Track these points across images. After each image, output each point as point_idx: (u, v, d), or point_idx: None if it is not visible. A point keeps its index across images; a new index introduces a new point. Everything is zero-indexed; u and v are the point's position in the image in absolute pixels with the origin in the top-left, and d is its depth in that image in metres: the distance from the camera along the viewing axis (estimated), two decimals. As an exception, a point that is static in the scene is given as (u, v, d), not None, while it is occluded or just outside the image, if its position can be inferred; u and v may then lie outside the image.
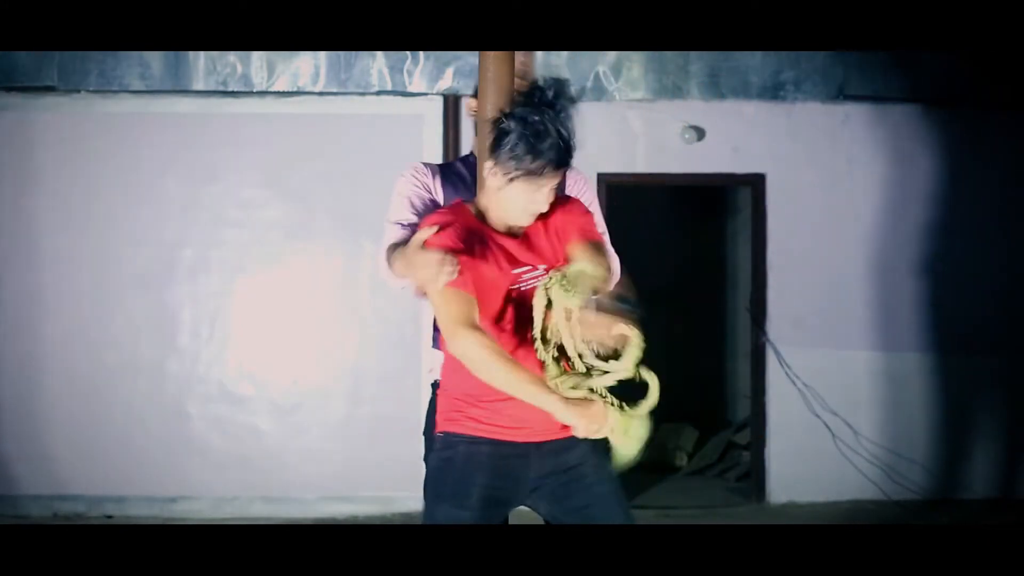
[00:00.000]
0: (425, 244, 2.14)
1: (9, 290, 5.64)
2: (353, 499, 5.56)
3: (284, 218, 5.72)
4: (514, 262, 2.22)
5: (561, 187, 2.46)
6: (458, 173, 2.61)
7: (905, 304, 5.87)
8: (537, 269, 2.23)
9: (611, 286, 2.34)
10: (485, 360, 2.07)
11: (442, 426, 2.28)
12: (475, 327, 2.10)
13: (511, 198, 2.19)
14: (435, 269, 2.07)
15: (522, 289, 2.21)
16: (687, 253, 7.97)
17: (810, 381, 5.81)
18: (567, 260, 2.23)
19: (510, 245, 2.23)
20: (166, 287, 5.69)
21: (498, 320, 2.20)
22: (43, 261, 5.65)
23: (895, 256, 5.88)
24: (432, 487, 2.27)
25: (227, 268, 5.71)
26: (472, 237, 2.19)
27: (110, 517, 5.54)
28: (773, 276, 5.88)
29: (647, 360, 2.17)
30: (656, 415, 2.13)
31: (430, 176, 2.58)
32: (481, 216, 2.26)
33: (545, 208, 2.22)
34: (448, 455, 2.24)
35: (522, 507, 2.32)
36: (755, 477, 5.94)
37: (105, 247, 5.67)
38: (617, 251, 2.54)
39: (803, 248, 5.87)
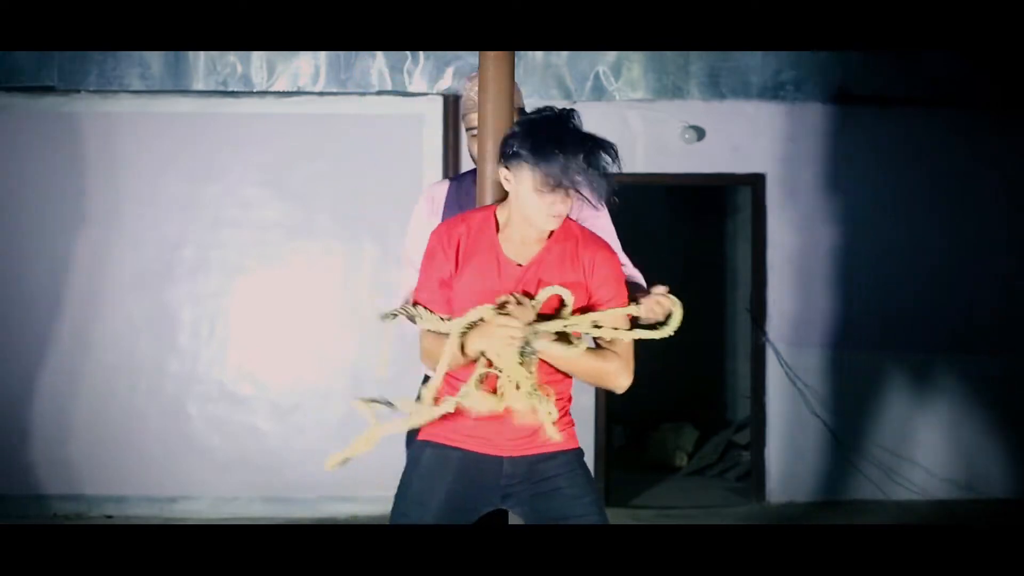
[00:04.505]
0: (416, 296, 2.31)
1: (9, 290, 5.64)
2: (353, 499, 5.55)
3: (284, 218, 5.73)
4: (509, 289, 2.19)
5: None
6: (468, 192, 2.61)
7: (904, 304, 5.88)
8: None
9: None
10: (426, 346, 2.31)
11: (421, 436, 2.37)
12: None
13: (533, 204, 2.12)
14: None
15: None
16: (687, 253, 7.97)
17: (810, 381, 5.81)
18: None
19: (513, 270, 2.21)
20: (166, 287, 5.69)
21: None
22: (42, 261, 5.65)
23: (895, 256, 5.89)
24: (401, 481, 2.37)
25: (227, 268, 5.71)
26: (474, 253, 2.21)
27: (110, 517, 5.54)
28: (773, 276, 5.88)
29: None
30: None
31: (441, 200, 2.65)
32: (499, 227, 2.24)
33: (567, 211, 2.14)
34: (417, 454, 2.33)
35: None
36: (755, 477, 5.94)
37: (105, 247, 5.67)
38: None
39: (803, 248, 5.87)
